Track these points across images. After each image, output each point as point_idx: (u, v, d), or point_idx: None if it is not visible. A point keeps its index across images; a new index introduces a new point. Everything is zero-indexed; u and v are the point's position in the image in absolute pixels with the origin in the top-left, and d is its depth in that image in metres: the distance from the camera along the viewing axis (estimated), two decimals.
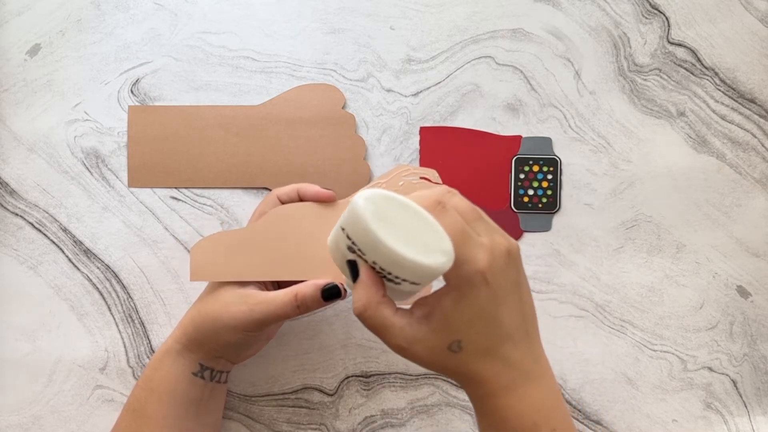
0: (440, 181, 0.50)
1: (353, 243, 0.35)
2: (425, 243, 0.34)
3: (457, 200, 0.37)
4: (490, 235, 0.36)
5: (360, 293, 0.36)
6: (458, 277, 0.35)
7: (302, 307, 0.46)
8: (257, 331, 0.48)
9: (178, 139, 0.58)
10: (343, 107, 0.58)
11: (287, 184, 0.52)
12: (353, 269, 0.36)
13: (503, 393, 0.37)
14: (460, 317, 0.36)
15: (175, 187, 0.58)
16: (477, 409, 0.39)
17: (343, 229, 0.36)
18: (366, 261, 0.36)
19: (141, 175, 0.58)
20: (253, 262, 0.48)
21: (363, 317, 0.36)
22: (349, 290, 0.43)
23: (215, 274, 0.49)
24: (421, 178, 0.50)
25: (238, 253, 0.48)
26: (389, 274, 0.35)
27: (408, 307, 0.38)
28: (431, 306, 0.37)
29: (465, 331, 0.36)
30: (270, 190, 0.57)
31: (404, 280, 0.36)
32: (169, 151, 0.58)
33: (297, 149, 0.58)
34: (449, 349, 0.36)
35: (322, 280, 0.46)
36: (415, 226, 0.34)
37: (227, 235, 0.49)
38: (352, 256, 0.36)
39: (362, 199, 0.34)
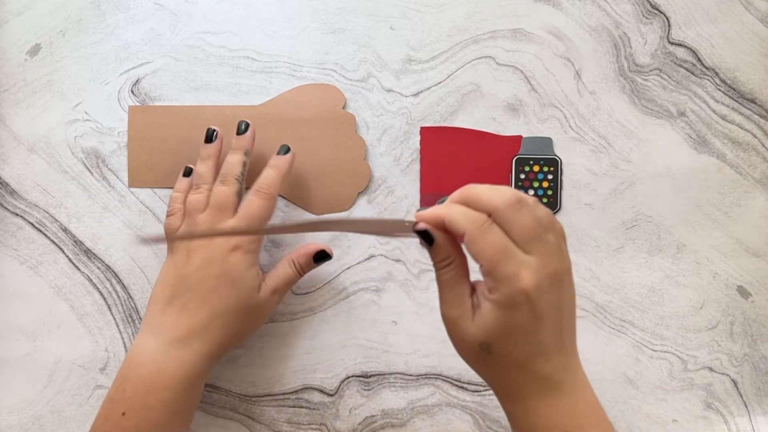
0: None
1: None
2: None
3: (520, 219, 0.36)
4: (542, 256, 0.35)
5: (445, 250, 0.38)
6: (499, 291, 0.35)
7: (300, 271, 0.53)
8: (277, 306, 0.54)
9: (178, 139, 0.58)
10: (344, 107, 0.58)
11: (287, 184, 0.52)
12: (427, 236, 0.37)
13: (533, 399, 0.37)
14: (494, 325, 0.36)
15: None
16: (506, 411, 0.39)
17: None
18: None
19: (141, 175, 0.58)
20: None
21: (443, 270, 0.38)
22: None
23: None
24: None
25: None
26: None
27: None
28: (480, 295, 0.37)
29: (498, 338, 0.36)
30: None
31: None
32: (169, 151, 0.58)
33: (297, 149, 0.58)
34: (481, 348, 0.37)
35: (312, 247, 0.54)
36: None
37: None
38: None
39: None
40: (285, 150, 0.53)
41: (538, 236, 0.36)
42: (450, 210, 0.36)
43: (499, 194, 0.36)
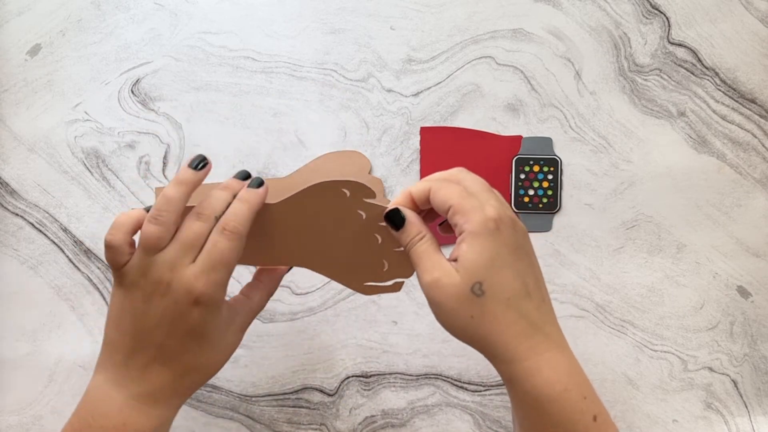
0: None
1: None
2: None
3: (470, 177, 0.41)
4: (499, 203, 0.39)
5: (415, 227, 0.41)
6: (470, 222, 0.38)
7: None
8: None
9: None
10: (370, 172, 0.58)
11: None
12: (397, 216, 0.41)
13: (531, 355, 0.38)
14: (478, 259, 0.38)
15: None
16: (506, 378, 0.39)
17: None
18: None
19: None
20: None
21: (414, 244, 0.41)
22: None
23: None
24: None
25: None
26: None
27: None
28: (455, 252, 0.39)
29: (486, 272, 0.38)
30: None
31: None
32: None
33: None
34: (473, 292, 0.38)
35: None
36: None
37: None
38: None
39: None
40: (258, 183, 0.43)
41: (489, 190, 0.40)
42: (412, 186, 0.41)
43: (446, 170, 0.42)
